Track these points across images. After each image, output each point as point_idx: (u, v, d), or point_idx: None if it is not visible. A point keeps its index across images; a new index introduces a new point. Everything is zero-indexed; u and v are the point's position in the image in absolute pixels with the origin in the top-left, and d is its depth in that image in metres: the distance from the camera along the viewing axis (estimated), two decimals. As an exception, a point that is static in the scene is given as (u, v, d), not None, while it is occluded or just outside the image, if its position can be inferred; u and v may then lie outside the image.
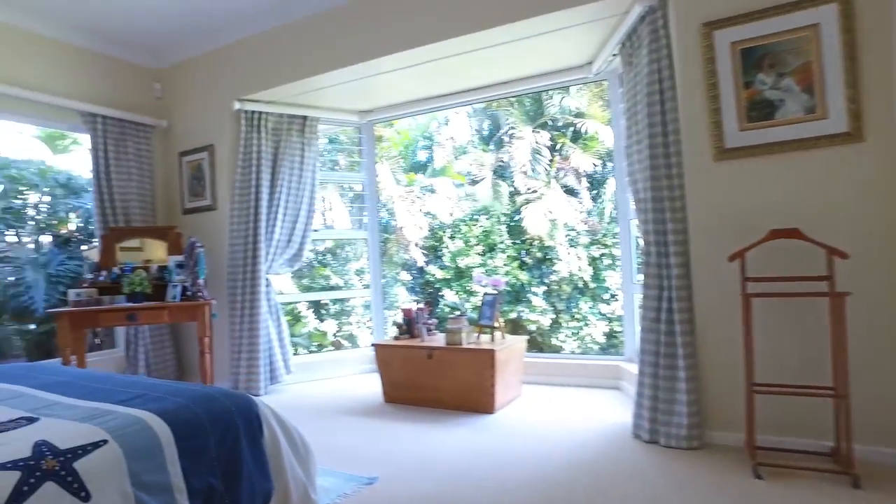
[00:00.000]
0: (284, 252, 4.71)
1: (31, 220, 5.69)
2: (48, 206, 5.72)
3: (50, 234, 5.83)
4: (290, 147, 4.72)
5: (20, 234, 5.56)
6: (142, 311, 4.04)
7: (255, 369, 4.40)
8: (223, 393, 1.93)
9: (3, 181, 5.56)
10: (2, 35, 4.02)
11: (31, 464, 1.42)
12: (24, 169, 5.67)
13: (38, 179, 5.67)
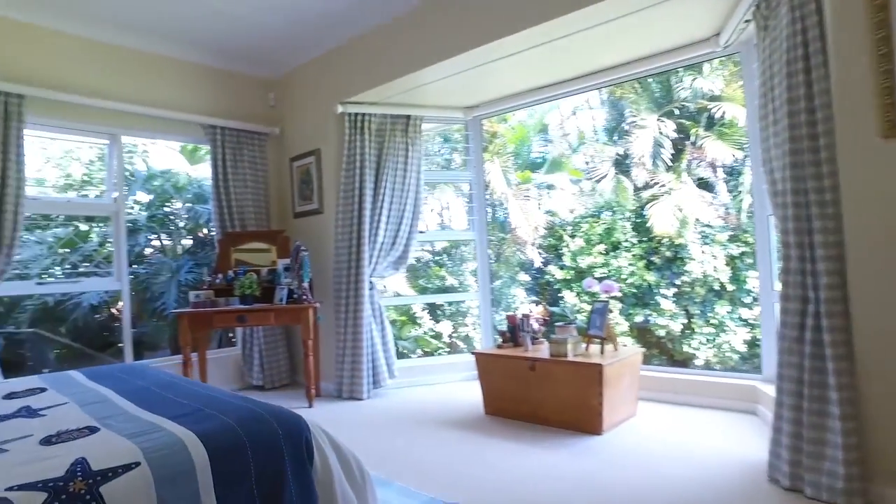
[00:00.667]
0: (389, 254, 4.64)
1: (174, 227, 6.24)
2: (186, 213, 6.22)
3: (191, 239, 6.34)
4: (394, 148, 4.64)
5: (163, 240, 6.11)
6: (250, 312, 4.18)
7: (358, 373, 4.38)
8: (274, 413, 1.80)
9: (153, 191, 6.16)
10: (136, 61, 4.37)
11: (60, 485, 1.37)
12: (170, 180, 6.24)
13: (179, 189, 6.20)
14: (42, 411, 2.00)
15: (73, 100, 4.00)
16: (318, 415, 3.98)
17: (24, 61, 3.87)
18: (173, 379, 2.42)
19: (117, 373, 2.60)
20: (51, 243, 5.21)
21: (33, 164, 4.73)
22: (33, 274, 5.20)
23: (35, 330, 5.19)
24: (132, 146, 6.26)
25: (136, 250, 5.71)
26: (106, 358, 4.85)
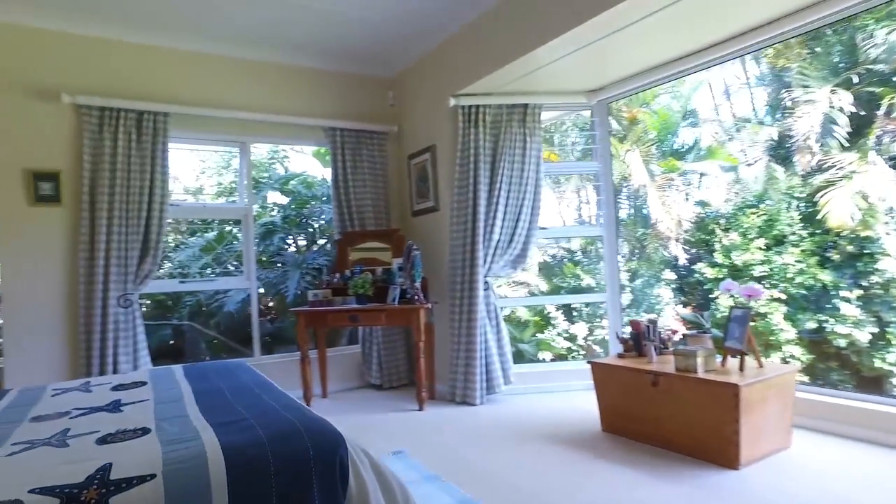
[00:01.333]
0: (506, 253, 4.38)
1: (310, 228, 6.59)
2: (317, 213, 6.52)
3: (325, 239, 6.64)
4: (511, 140, 4.36)
5: (298, 240, 6.48)
6: (362, 312, 4.18)
7: (471, 377, 4.18)
8: (312, 429, 1.65)
9: (289, 194, 6.57)
10: (261, 72, 4.61)
11: (75, 492, 1.34)
12: (303, 182, 6.61)
13: (311, 190, 6.53)
14: (124, 407, 2.08)
15: (207, 113, 4.31)
16: (425, 419, 3.87)
17: (168, 83, 4.25)
18: (251, 381, 2.41)
19: (210, 371, 2.68)
20: (202, 245, 5.77)
21: (182, 173, 5.29)
22: (193, 272, 5.80)
23: (190, 323, 5.79)
24: (273, 151, 6.73)
25: (270, 249, 6.11)
26: (245, 351, 5.21)
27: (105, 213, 3.91)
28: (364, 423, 3.82)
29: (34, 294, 3.81)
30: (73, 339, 3.88)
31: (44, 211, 3.86)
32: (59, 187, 3.89)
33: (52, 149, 3.88)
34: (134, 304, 4.00)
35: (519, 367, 4.59)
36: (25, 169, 3.80)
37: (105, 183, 3.92)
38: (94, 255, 3.88)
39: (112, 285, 3.90)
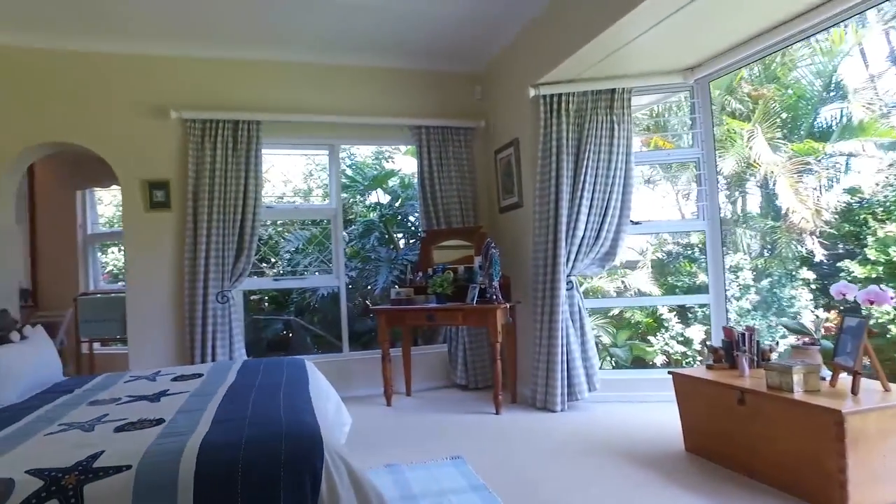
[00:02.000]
0: (592, 250, 4.07)
1: (407, 225, 6.69)
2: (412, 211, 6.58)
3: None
4: (597, 129, 4.05)
5: (396, 238, 6.59)
6: (439, 311, 4.13)
7: (552, 382, 3.95)
8: (292, 433, 1.62)
9: (389, 192, 6.72)
10: (347, 76, 4.74)
11: (58, 476, 1.43)
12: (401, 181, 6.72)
13: (406, 189, 6.62)
14: (164, 398, 2.21)
15: (296, 119, 4.53)
16: (498, 424, 3.72)
17: (259, 93, 4.52)
18: (287, 379, 2.46)
19: (263, 366, 2.78)
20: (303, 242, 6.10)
21: (278, 176, 5.62)
22: (299, 270, 6.15)
23: (294, 318, 6.15)
24: (378, 151, 6.92)
25: (367, 247, 6.28)
26: (338, 344, 5.42)
27: (205, 217, 4.25)
28: (434, 424, 3.76)
29: (150, 290, 4.26)
30: (181, 330, 4.27)
31: (157, 216, 4.29)
32: (168, 194, 4.30)
33: (164, 160, 4.30)
34: (230, 300, 4.31)
35: (607, 374, 4.26)
36: (143, 179, 4.26)
37: (205, 189, 4.27)
38: (196, 255, 4.23)
39: (211, 283, 4.24)
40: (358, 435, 3.53)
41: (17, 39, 4.02)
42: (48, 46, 4.09)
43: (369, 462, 3.00)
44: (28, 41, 4.04)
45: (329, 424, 1.93)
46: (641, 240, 6.87)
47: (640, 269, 6.68)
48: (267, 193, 6.49)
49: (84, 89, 4.17)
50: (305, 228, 6.11)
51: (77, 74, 4.17)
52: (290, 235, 5.97)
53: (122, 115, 4.24)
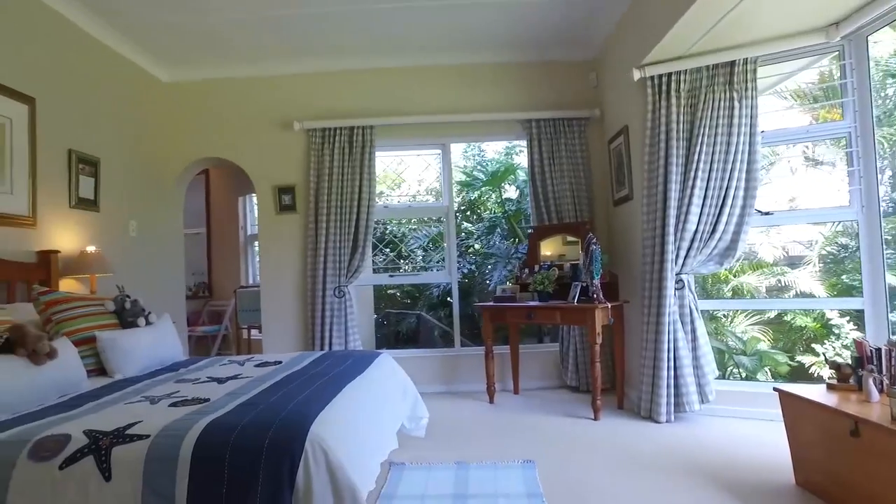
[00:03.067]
0: (707, 245, 3.64)
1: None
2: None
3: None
4: (713, 108, 3.59)
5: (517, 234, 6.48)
6: (537, 310, 4.01)
7: (657, 390, 3.61)
8: (280, 422, 1.73)
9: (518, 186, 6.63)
10: (455, 75, 4.81)
11: (98, 437, 1.71)
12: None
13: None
14: (231, 381, 2.48)
15: (407, 121, 4.72)
16: (592, 430, 3.50)
17: (372, 99, 4.79)
18: (339, 371, 2.60)
19: (333, 359, 2.97)
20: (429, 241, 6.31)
21: (412, 176, 5.87)
22: (428, 266, 6.39)
23: (420, 313, 6.39)
24: (509, 147, 6.88)
25: (491, 242, 6.26)
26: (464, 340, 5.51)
27: (325, 218, 4.64)
28: (525, 425, 3.66)
29: (280, 284, 4.78)
30: (305, 321, 4.73)
31: (285, 218, 4.80)
32: (294, 198, 4.78)
33: (290, 167, 4.78)
34: (346, 295, 4.64)
35: (727, 385, 3.76)
36: (273, 185, 4.79)
37: (325, 192, 4.66)
38: (316, 253, 4.65)
39: (329, 278, 4.61)
40: (444, 429, 3.60)
41: (176, 75, 4.80)
42: (200, 78, 4.82)
43: (442, 456, 3.05)
44: (185, 75, 4.80)
45: (346, 417, 2.01)
46: (811, 231, 5.88)
47: (805, 266, 5.74)
48: (403, 193, 6.84)
49: (227, 111, 4.82)
50: (431, 225, 6.33)
51: (222, 99, 4.83)
52: (419, 233, 6.23)
53: (256, 131, 4.81)
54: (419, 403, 3.31)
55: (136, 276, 4.28)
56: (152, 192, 4.61)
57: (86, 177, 3.77)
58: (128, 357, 2.77)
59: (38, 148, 3.37)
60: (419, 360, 4.80)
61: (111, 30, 4.05)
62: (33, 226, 3.31)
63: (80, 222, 3.72)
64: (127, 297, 3.04)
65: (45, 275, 3.31)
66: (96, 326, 2.82)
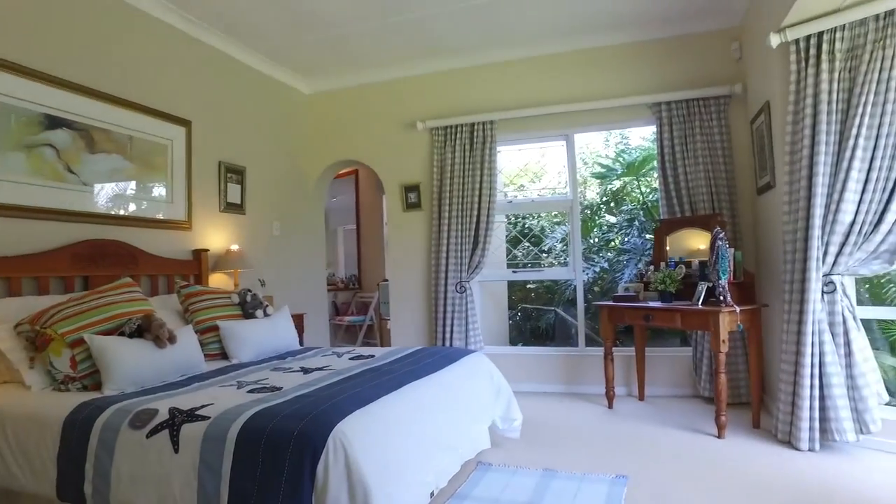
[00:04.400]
0: (868, 241, 3.01)
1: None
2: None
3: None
4: (881, 70, 2.95)
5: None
6: (656, 311, 3.68)
7: (798, 411, 3.09)
8: (312, 416, 1.84)
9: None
10: (576, 61, 4.57)
11: (176, 414, 1.99)
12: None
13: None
14: (318, 371, 2.69)
15: (528, 113, 4.62)
16: (711, 451, 3.14)
17: (492, 94, 4.77)
18: (412, 369, 2.65)
19: (418, 356, 3.04)
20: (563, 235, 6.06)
21: (554, 167, 5.67)
22: (564, 262, 6.17)
23: (555, 309, 6.16)
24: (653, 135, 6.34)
25: (627, 238, 5.80)
26: (597, 339, 5.23)
27: (447, 215, 4.76)
28: (636, 436, 3.38)
29: (406, 280, 5.01)
30: (429, 315, 4.90)
31: (411, 215, 5.01)
32: (419, 196, 4.96)
33: (415, 166, 4.98)
34: (468, 290, 4.70)
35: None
36: (400, 184, 5.02)
37: (447, 189, 4.77)
38: (439, 248, 4.78)
39: (450, 274, 4.72)
40: (547, 432, 3.49)
41: (315, 86, 5.27)
42: (334, 87, 5.24)
43: (533, 461, 2.97)
44: (322, 86, 5.25)
45: (388, 415, 2.06)
46: None
47: None
48: (544, 186, 6.71)
49: (358, 116, 5.17)
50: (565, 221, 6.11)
51: (353, 105, 5.19)
52: (560, 228, 6.05)
53: (384, 132, 5.08)
54: (513, 405, 3.25)
55: (279, 270, 4.81)
56: (293, 194, 5.13)
57: (233, 184, 4.33)
58: (243, 344, 3.14)
59: (193, 162, 3.96)
60: (540, 357, 4.71)
61: (257, 54, 4.58)
62: (189, 229, 3.91)
63: (228, 224, 4.29)
64: (248, 291, 3.44)
65: (198, 270, 3.89)
66: (222, 316, 3.24)
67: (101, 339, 2.43)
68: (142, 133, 3.57)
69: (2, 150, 2.82)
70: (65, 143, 3.11)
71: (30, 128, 2.94)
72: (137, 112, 3.54)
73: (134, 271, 3.39)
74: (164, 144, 3.73)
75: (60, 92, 3.08)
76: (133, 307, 2.74)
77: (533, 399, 4.39)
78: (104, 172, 3.33)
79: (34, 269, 2.88)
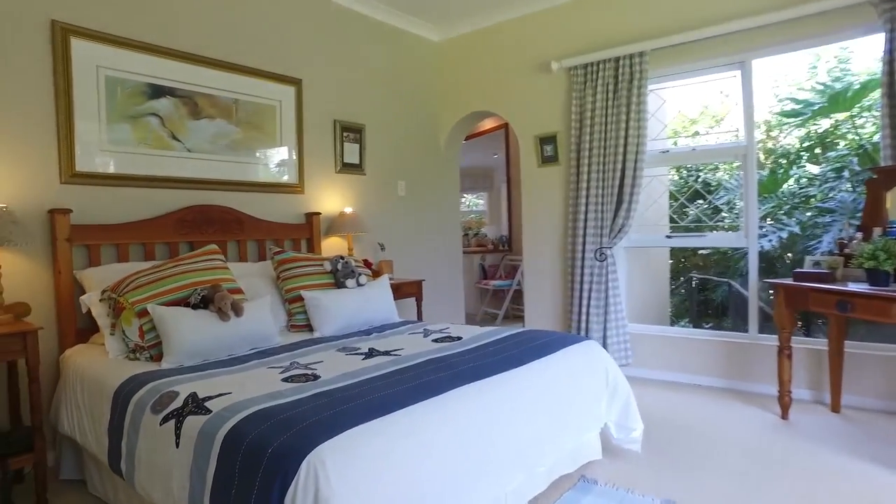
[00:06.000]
0: None
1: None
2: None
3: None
4: None
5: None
6: (857, 298, 2.64)
7: None
8: (292, 434, 1.49)
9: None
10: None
11: (189, 400, 1.83)
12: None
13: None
14: (378, 357, 2.36)
15: (688, 38, 3.64)
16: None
17: (640, 19, 3.87)
18: (480, 364, 2.17)
19: (520, 342, 2.53)
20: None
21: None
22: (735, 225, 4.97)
23: (729, 281, 4.97)
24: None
25: (830, 193, 4.34)
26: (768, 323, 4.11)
27: (586, 169, 4.05)
28: (811, 466, 2.49)
29: (541, 244, 4.45)
30: (565, 285, 4.29)
31: (547, 171, 4.38)
32: (556, 148, 4.30)
33: (551, 114, 4.31)
34: (608, 258, 3.99)
35: None
36: (535, 135, 4.41)
37: (587, 139, 4.05)
38: (577, 209, 4.11)
39: (589, 239, 4.03)
40: (686, 444, 2.76)
41: (445, 32, 4.82)
42: (465, 31, 4.74)
43: (653, 485, 2.34)
44: (451, 32, 4.79)
45: (408, 429, 1.63)
46: None
47: None
48: (725, 129, 5.51)
49: (489, 61, 4.63)
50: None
51: (483, 50, 4.68)
52: (733, 181, 4.85)
53: (516, 78, 4.47)
54: (631, 410, 2.59)
55: (406, 233, 4.58)
56: (421, 151, 4.80)
57: (350, 143, 4.15)
58: (326, 316, 2.93)
59: (305, 122, 3.83)
60: (696, 342, 3.85)
61: (380, 4, 4.28)
62: (301, 192, 3.82)
63: (345, 185, 4.14)
64: (341, 258, 3.22)
65: (309, 234, 3.81)
66: (311, 285, 3.07)
67: (162, 309, 2.38)
68: (247, 95, 3.51)
69: (109, 122, 2.92)
70: (168, 111, 3.14)
71: (134, 98, 3.01)
72: (242, 74, 3.47)
73: (240, 236, 3.40)
74: (272, 106, 3.65)
75: (163, 60, 3.10)
76: (207, 276, 2.67)
77: (681, 393, 3.60)
78: (208, 138, 3.33)
79: (140, 236, 2.98)
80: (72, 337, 2.71)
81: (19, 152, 2.63)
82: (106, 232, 2.86)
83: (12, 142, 2.61)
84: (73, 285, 2.74)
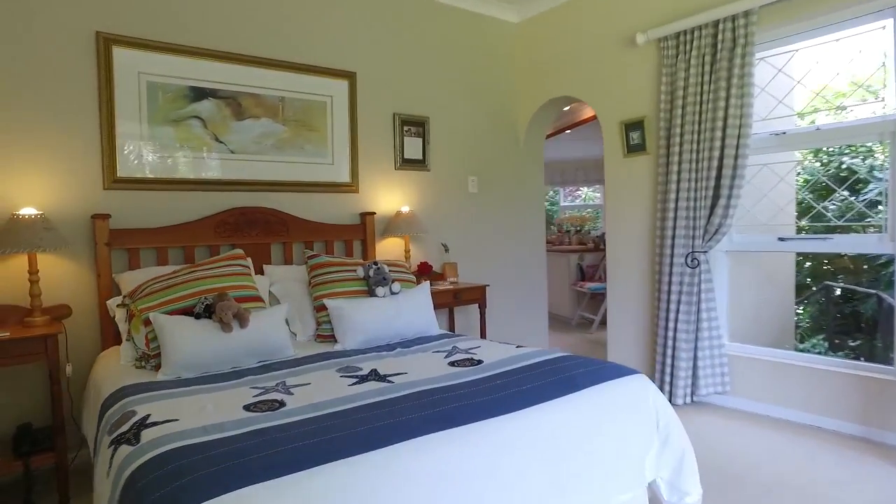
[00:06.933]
0: None
1: None
2: None
3: None
4: None
5: None
6: None
7: None
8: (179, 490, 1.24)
9: None
10: None
11: (134, 426, 1.70)
12: None
13: None
14: (371, 382, 2.06)
15: (808, -13, 2.88)
16: None
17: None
18: (481, 402, 1.78)
19: (548, 371, 2.08)
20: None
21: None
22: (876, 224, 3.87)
23: (878, 292, 3.88)
24: None
25: None
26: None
27: (676, 158, 3.43)
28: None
29: (626, 245, 3.86)
30: (652, 291, 3.68)
31: (634, 161, 3.80)
32: (644, 135, 3.69)
33: (638, 96, 3.71)
34: (702, 265, 3.32)
35: None
36: (620, 121, 3.82)
37: (678, 123, 3.42)
38: (665, 206, 3.50)
39: (678, 241, 3.40)
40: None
41: (524, 13, 4.36)
42: (536, 13, 4.25)
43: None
44: (525, 12, 4.31)
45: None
46: None
47: None
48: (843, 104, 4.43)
49: (569, 40, 4.09)
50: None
51: (562, 28, 4.14)
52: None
53: (596, 57, 3.92)
54: (686, 468, 2.04)
55: (477, 232, 4.24)
56: (496, 143, 4.40)
57: (411, 137, 3.89)
58: (349, 327, 2.69)
59: (359, 117, 3.64)
60: (820, 373, 3.05)
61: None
62: (355, 191, 3.64)
63: (406, 182, 3.89)
64: (374, 264, 2.97)
65: (363, 235, 3.62)
66: (341, 293, 2.86)
67: (163, 318, 2.30)
68: (295, 93, 3.39)
69: (151, 127, 2.95)
70: (210, 112, 3.12)
71: (176, 102, 3.02)
72: (288, 71, 3.36)
73: (285, 238, 3.30)
74: (321, 102, 3.51)
75: (204, 62, 3.08)
76: (219, 283, 2.57)
77: (797, 436, 2.88)
78: (253, 138, 3.26)
79: (179, 239, 2.98)
80: (111, 340, 2.77)
81: (66, 161, 2.73)
82: (145, 235, 2.89)
83: (60, 151, 2.72)
84: (113, 288, 2.80)
